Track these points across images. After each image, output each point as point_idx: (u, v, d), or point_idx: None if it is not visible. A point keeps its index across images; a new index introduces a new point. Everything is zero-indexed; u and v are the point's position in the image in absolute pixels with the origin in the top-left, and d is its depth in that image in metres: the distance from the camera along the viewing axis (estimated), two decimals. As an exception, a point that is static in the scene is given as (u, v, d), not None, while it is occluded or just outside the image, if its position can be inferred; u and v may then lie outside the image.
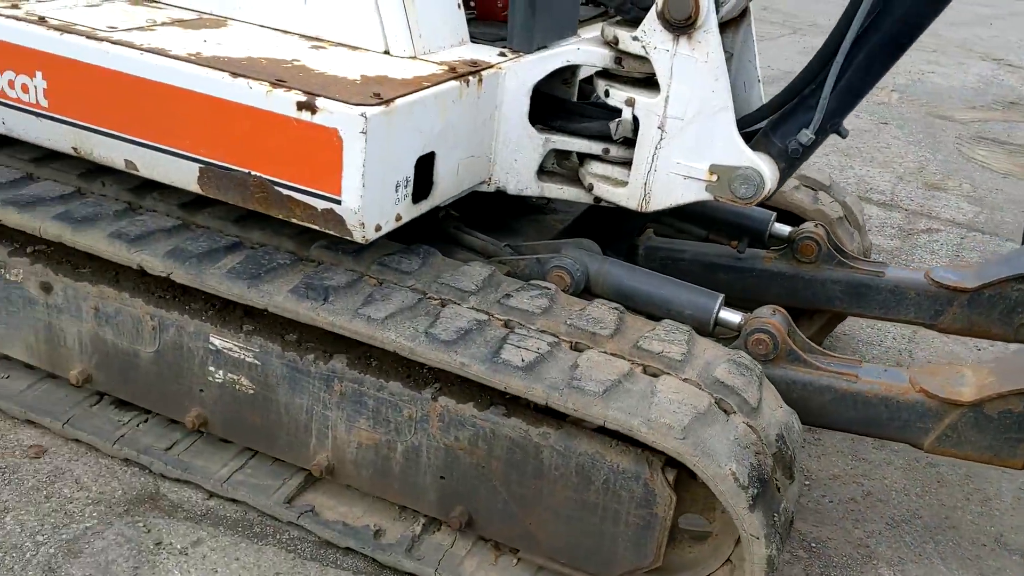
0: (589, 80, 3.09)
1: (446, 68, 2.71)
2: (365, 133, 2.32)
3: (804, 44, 10.35)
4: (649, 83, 2.87)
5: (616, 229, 3.55)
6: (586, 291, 2.92)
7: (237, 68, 2.48)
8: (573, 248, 2.98)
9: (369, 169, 2.37)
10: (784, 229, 3.59)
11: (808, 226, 3.51)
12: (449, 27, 2.95)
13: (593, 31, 3.10)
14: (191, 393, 2.84)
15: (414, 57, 2.78)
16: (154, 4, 3.02)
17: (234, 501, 2.84)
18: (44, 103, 2.72)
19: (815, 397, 2.73)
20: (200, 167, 2.57)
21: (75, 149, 2.76)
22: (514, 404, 2.49)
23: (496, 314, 2.55)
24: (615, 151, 2.94)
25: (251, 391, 2.75)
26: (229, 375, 2.76)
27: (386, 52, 2.78)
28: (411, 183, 2.57)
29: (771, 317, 2.76)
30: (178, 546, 2.68)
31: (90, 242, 2.71)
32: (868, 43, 2.58)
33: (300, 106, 2.36)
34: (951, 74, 9.93)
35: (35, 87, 2.71)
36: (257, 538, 2.74)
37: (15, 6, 2.82)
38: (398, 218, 2.57)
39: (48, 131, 2.76)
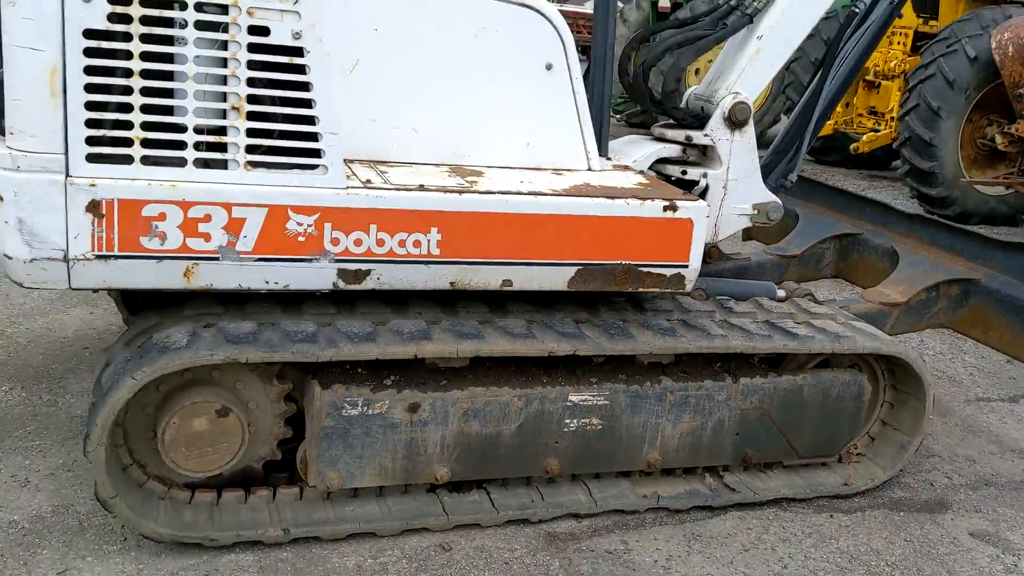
0: None
1: (627, 168, 4.00)
2: (708, 217, 3.60)
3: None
4: (703, 162, 4.46)
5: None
6: None
7: (599, 193, 3.50)
8: None
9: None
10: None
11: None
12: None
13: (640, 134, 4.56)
14: (547, 448, 3.65)
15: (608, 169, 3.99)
16: (384, 165, 3.65)
17: (600, 514, 3.76)
18: (436, 252, 3.31)
19: None
20: (577, 269, 3.50)
21: (452, 283, 3.39)
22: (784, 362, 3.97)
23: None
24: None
25: (599, 427, 3.70)
26: (582, 420, 3.67)
27: (589, 169, 3.94)
28: None
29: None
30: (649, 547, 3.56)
31: (535, 347, 3.45)
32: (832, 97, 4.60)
33: (666, 208, 3.53)
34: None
35: (428, 241, 3.29)
36: (641, 525, 3.73)
37: (370, 183, 3.30)
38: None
39: (432, 274, 3.34)
